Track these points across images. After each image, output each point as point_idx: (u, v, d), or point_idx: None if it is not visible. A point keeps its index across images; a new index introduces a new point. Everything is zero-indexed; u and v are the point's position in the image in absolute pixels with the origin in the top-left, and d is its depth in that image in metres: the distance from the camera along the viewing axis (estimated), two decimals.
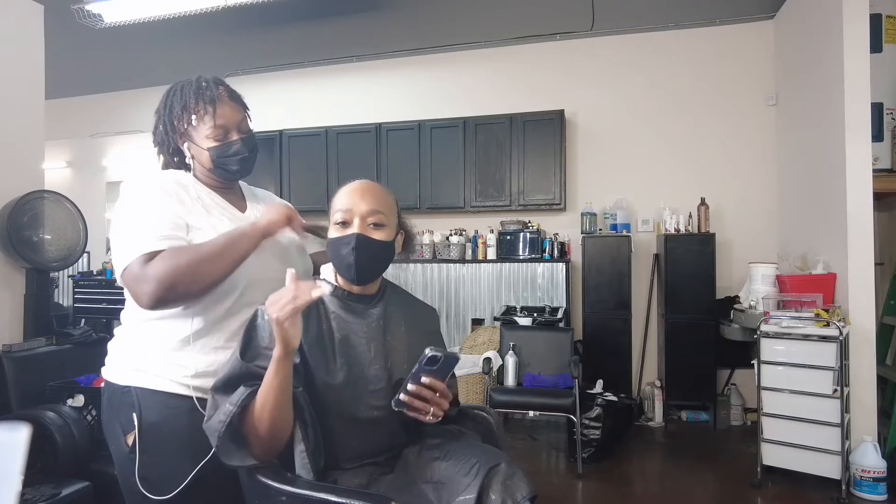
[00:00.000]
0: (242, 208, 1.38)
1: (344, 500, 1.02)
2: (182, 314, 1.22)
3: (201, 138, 1.29)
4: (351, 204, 1.20)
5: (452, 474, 1.11)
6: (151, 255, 1.14)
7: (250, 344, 1.13)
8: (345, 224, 1.20)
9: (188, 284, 1.14)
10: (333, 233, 1.21)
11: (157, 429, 1.20)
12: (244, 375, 1.10)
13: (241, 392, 1.06)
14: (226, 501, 1.22)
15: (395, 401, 1.14)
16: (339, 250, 1.19)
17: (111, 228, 1.24)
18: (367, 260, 1.20)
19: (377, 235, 1.20)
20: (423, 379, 1.12)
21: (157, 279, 1.11)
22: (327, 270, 1.28)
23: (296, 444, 1.11)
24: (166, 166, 1.38)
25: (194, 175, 1.33)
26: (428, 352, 1.10)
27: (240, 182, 1.43)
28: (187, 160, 1.32)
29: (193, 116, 1.28)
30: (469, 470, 1.09)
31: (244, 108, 1.36)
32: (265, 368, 1.09)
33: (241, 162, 1.32)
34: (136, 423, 1.20)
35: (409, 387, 1.12)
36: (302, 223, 1.33)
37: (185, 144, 1.31)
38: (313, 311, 1.20)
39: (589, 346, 4.17)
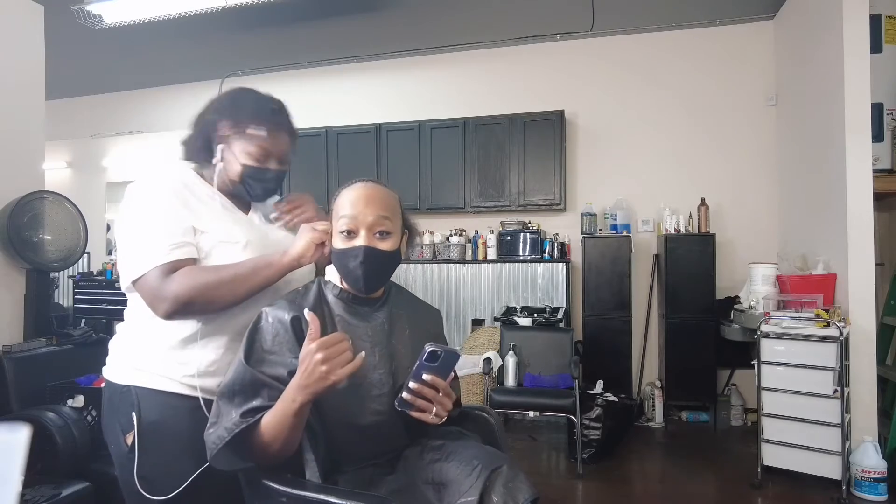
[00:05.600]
0: (246, 210, 1.36)
1: (344, 502, 1.02)
2: None
3: (240, 151, 1.26)
4: (356, 212, 1.16)
5: (454, 476, 1.10)
6: (169, 268, 1.14)
7: (253, 348, 1.11)
8: (350, 234, 1.16)
9: (205, 305, 1.16)
10: (339, 243, 1.17)
11: (157, 428, 1.20)
12: (248, 383, 1.08)
13: (238, 423, 1.05)
14: (227, 495, 1.21)
15: (399, 400, 1.13)
16: (347, 263, 1.16)
17: (117, 231, 1.22)
18: (375, 271, 1.17)
19: (384, 246, 1.17)
20: (425, 376, 1.11)
21: (176, 297, 1.12)
22: (332, 272, 1.26)
23: (304, 453, 1.11)
24: (190, 153, 1.33)
25: (206, 177, 1.31)
26: (428, 347, 1.09)
27: None
28: (214, 161, 1.28)
29: (246, 129, 1.25)
30: (471, 472, 1.08)
31: (293, 139, 1.35)
32: (269, 376, 1.08)
33: (265, 190, 1.32)
34: (135, 422, 1.19)
35: (411, 385, 1.11)
36: (328, 246, 1.23)
37: (221, 147, 1.27)
38: (319, 313, 1.17)
39: (589, 347, 4.17)
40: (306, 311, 1.06)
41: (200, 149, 1.31)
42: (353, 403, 1.16)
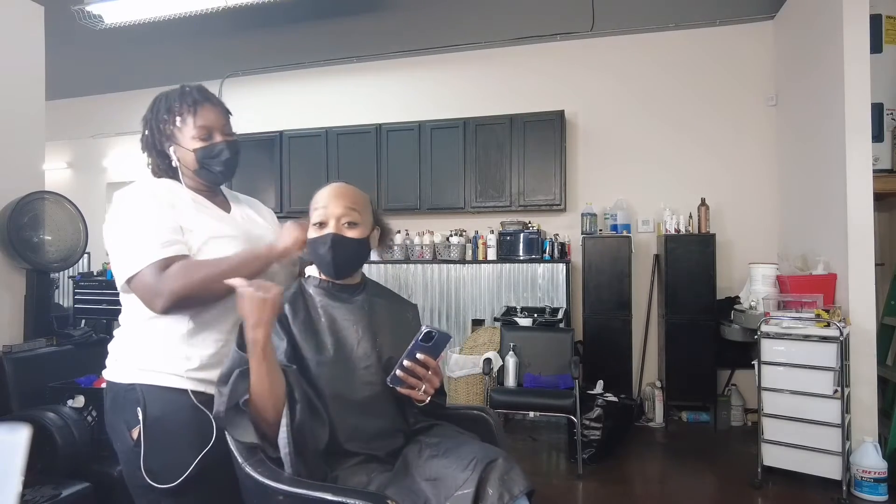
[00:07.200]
0: (227, 209, 1.44)
1: (341, 499, 1.03)
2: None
3: (187, 140, 1.33)
4: (326, 204, 1.30)
5: (450, 470, 1.13)
6: (163, 264, 1.20)
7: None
8: (322, 225, 1.29)
9: (200, 299, 1.23)
10: (312, 233, 1.30)
11: (161, 422, 1.25)
12: (243, 364, 1.15)
13: (235, 376, 1.13)
14: (227, 489, 1.25)
15: (391, 377, 1.22)
16: (318, 249, 1.29)
17: (108, 237, 1.28)
18: (344, 256, 1.29)
19: (351, 234, 1.29)
20: (418, 355, 1.21)
21: (172, 293, 1.18)
22: (312, 269, 1.38)
23: (282, 419, 1.15)
24: (156, 169, 1.41)
25: (180, 180, 1.37)
26: (424, 328, 1.19)
27: (223, 191, 1.49)
28: (173, 163, 1.35)
29: (178, 118, 1.33)
30: (467, 465, 1.12)
31: (226, 112, 1.41)
32: None
33: (225, 164, 1.36)
34: (140, 417, 1.24)
35: (405, 363, 1.21)
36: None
37: (171, 148, 1.34)
38: (300, 300, 1.29)
39: (589, 347, 4.17)
40: (237, 281, 1.13)
41: (161, 161, 1.38)
42: (344, 376, 1.25)
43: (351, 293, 1.35)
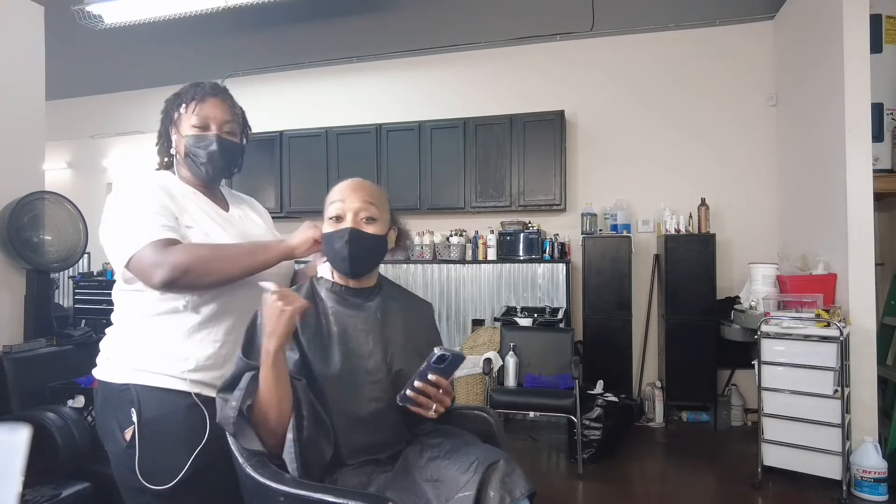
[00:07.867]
0: (226, 208, 1.43)
1: (341, 501, 1.03)
2: (180, 311, 1.25)
3: (186, 127, 1.34)
4: (343, 199, 1.25)
5: (452, 472, 1.12)
6: (166, 242, 1.18)
7: (251, 343, 1.16)
8: (339, 219, 1.24)
9: (200, 276, 1.18)
10: (328, 228, 1.25)
11: (155, 423, 1.23)
12: (248, 373, 1.13)
13: (246, 377, 1.10)
14: (221, 492, 1.24)
15: (401, 396, 1.18)
16: (334, 244, 1.23)
17: (104, 224, 1.26)
18: (361, 252, 1.23)
19: (370, 229, 1.24)
20: (430, 377, 1.16)
21: (175, 264, 1.15)
22: (325, 269, 1.31)
23: (288, 432, 1.14)
24: (161, 160, 1.43)
25: (178, 175, 1.38)
26: (437, 351, 1.14)
27: (222, 190, 1.48)
28: (171, 150, 1.38)
29: (184, 104, 1.34)
30: (468, 467, 1.10)
31: (235, 114, 1.40)
32: None
33: (210, 157, 1.34)
34: (134, 418, 1.22)
35: (416, 384, 1.16)
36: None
37: (174, 134, 1.37)
38: (311, 308, 1.24)
39: (589, 347, 4.17)
40: (269, 284, 1.11)
41: (167, 144, 1.41)
42: (350, 390, 1.21)
43: (365, 298, 1.29)
